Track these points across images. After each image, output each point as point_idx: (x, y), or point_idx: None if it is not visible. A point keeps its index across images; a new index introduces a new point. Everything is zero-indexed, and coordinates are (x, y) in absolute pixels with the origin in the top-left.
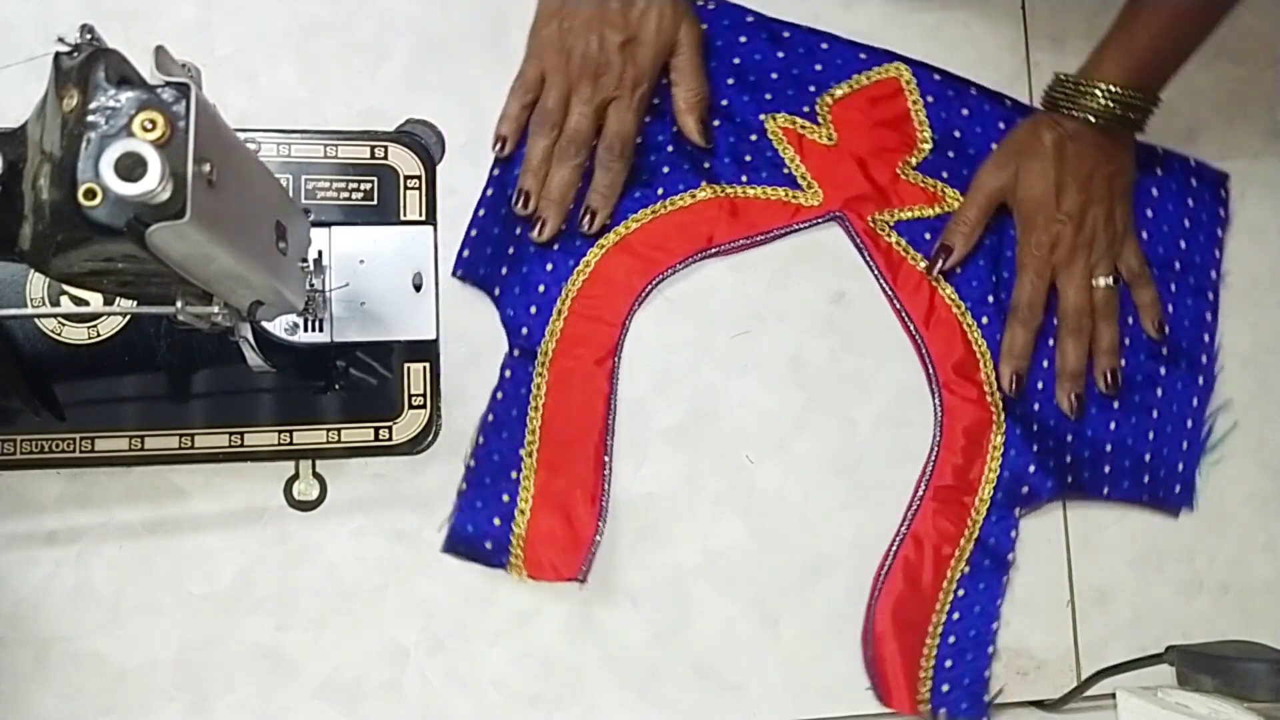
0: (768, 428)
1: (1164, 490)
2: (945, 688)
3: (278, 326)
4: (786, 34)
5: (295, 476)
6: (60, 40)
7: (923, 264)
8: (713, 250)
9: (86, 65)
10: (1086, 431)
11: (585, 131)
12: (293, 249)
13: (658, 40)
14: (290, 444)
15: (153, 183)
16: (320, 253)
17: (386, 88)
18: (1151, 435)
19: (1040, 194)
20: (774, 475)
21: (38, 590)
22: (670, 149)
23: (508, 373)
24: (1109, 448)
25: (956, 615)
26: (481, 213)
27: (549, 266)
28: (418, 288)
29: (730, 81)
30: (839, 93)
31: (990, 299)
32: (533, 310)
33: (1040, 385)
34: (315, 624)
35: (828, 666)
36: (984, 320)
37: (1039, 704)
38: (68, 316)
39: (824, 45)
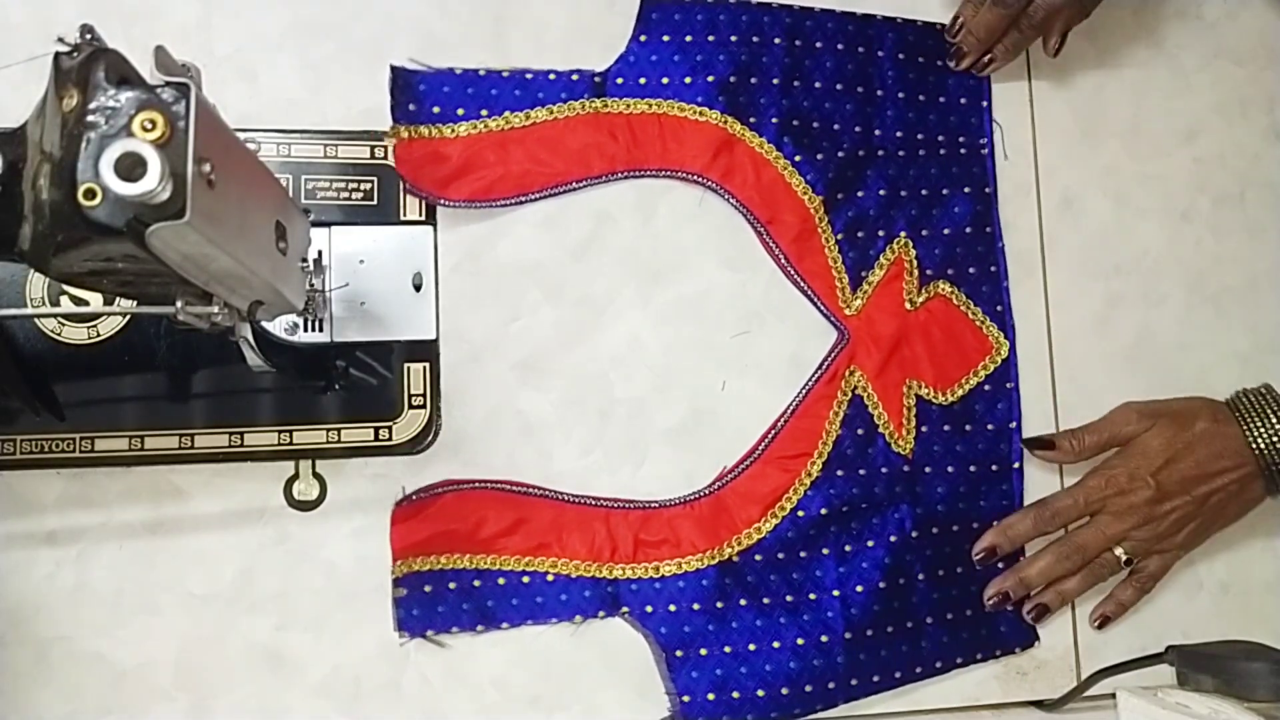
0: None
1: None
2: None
3: (278, 326)
4: (988, 228)
5: (295, 476)
6: (60, 40)
7: (837, 430)
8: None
9: (86, 65)
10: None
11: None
12: (293, 249)
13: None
14: (290, 444)
15: (153, 183)
16: (320, 253)
17: (386, 88)
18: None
19: (1152, 451)
20: None
21: (38, 590)
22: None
23: None
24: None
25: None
26: None
27: None
28: (418, 288)
29: (944, 192)
30: (945, 291)
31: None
32: None
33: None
34: (315, 624)
35: None
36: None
37: (1039, 704)
38: (68, 316)
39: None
